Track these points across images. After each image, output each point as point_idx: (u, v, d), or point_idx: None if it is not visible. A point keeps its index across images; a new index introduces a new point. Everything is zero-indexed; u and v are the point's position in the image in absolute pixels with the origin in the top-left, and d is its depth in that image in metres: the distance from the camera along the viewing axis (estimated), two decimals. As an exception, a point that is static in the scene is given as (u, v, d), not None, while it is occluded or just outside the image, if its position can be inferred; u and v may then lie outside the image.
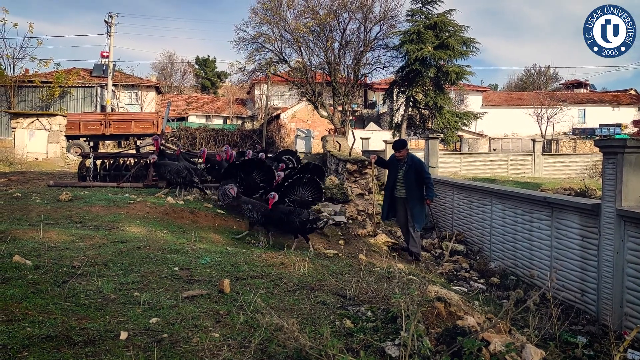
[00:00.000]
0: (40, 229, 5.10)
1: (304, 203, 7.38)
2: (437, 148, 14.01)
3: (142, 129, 23.01)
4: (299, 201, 7.30)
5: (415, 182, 7.76)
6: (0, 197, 8.00)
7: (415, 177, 7.76)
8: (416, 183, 7.76)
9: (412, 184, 7.76)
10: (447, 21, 29.45)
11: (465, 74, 29.86)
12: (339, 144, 19.92)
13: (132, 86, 40.88)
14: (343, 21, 27.17)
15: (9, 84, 29.61)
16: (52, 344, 2.29)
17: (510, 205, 7.88)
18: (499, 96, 52.91)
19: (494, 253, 8.33)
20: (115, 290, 3.23)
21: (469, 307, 3.32)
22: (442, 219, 11.33)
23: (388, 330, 2.68)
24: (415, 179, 7.76)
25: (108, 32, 31.65)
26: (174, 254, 4.52)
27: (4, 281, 3.14)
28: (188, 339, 2.47)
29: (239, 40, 27.38)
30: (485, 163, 24.66)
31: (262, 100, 40.55)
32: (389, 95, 32.54)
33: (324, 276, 3.96)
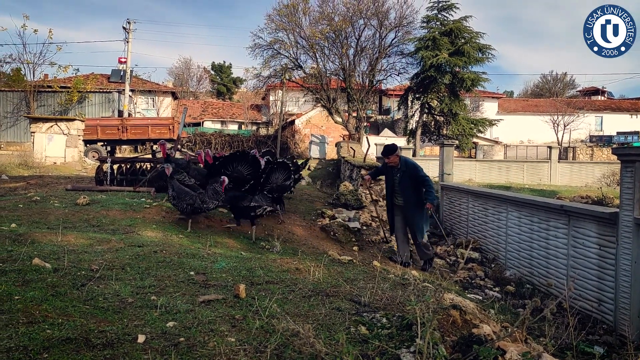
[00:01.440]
0: (59, 233, 5.17)
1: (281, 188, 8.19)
2: (452, 155, 13.94)
3: (159, 134, 23.22)
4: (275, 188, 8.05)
5: (412, 188, 7.33)
6: (19, 200, 8.13)
7: (410, 183, 7.34)
8: (413, 189, 7.33)
9: (408, 190, 7.35)
10: (462, 28, 29.39)
11: (481, 80, 29.74)
12: (353, 150, 19.95)
13: (148, 91, 41.33)
14: (358, 28, 27.23)
15: (29, 89, 30.13)
16: (71, 346, 2.32)
17: (526, 213, 7.82)
18: (515, 103, 52.55)
19: (509, 261, 8.26)
20: (132, 293, 3.27)
21: (485, 316, 3.30)
22: (456, 226, 11.26)
23: (403, 338, 2.68)
24: (411, 185, 7.33)
25: (126, 38, 32.08)
26: (189, 258, 4.56)
27: (24, 283, 3.19)
28: (204, 343, 2.50)
29: (255, 47, 27.56)
30: (500, 170, 24.50)
31: (277, 106, 40.73)
32: (403, 102, 32.51)
33: (338, 282, 3.96)
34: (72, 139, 20.87)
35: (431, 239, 11.39)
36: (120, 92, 33.01)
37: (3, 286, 3.03)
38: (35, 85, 30.88)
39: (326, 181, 19.09)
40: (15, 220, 6.36)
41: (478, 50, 29.33)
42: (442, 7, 30.41)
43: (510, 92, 71.26)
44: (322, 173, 21.51)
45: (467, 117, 31.26)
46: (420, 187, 7.32)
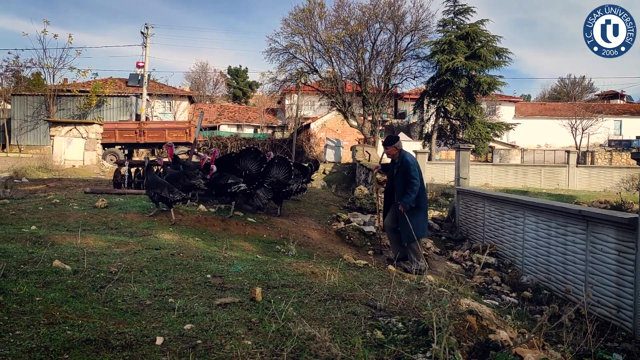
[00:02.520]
0: (78, 235, 5.26)
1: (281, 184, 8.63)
2: (468, 159, 13.86)
3: (175, 137, 23.39)
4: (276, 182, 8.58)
5: (404, 186, 6.86)
6: (39, 203, 8.26)
7: (404, 180, 6.86)
8: (404, 186, 6.85)
9: (402, 188, 6.91)
10: (479, 31, 29.22)
11: (498, 84, 29.52)
12: (368, 153, 19.92)
13: (165, 95, 41.72)
14: (374, 32, 27.23)
15: (49, 93, 30.59)
16: (91, 347, 2.36)
17: (543, 218, 7.74)
18: (532, 107, 52.08)
19: (526, 266, 8.19)
20: (150, 296, 3.30)
21: (501, 321, 3.28)
22: (472, 230, 11.19)
23: (419, 343, 2.67)
24: (404, 183, 6.86)
25: (144, 42, 32.42)
26: (206, 261, 4.60)
27: (44, 285, 3.25)
28: (221, 345, 2.52)
29: (271, 51, 27.69)
30: (517, 174, 24.29)
31: (292, 109, 40.86)
32: (419, 106, 32.39)
33: (354, 286, 3.97)
34: (91, 143, 21.16)
35: (447, 243, 11.33)
36: (138, 96, 33.37)
37: (24, 287, 3.09)
38: (55, 90, 31.34)
39: (341, 185, 19.09)
40: (35, 222, 6.47)
41: (495, 53, 29.12)
42: (458, 10, 30.28)
43: (527, 95, 70.74)
44: (337, 177, 21.51)
45: (484, 121, 31.03)
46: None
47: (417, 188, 6.74)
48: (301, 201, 11.18)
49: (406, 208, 6.76)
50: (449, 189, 19.48)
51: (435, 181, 21.59)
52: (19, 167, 16.36)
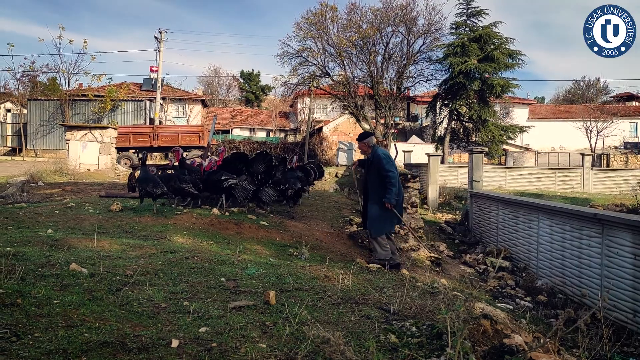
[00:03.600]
0: (93, 238, 5.32)
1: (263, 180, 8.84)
2: (482, 162, 13.80)
3: (189, 141, 23.58)
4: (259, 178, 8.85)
5: (377, 181, 6.77)
6: (55, 206, 8.36)
7: (376, 175, 6.78)
8: (378, 182, 6.75)
9: (374, 183, 6.84)
10: (492, 34, 29.10)
11: (511, 86, 29.35)
12: (381, 157, 19.87)
13: (179, 99, 42.05)
14: (386, 35, 27.23)
15: (64, 98, 30.98)
16: (108, 350, 2.39)
17: (558, 222, 7.69)
18: (546, 109, 51.68)
19: (540, 270, 8.13)
20: (165, 299, 3.34)
21: (516, 326, 3.27)
22: (486, 234, 11.13)
23: (433, 347, 2.67)
24: (377, 178, 6.76)
25: (157, 47, 32.73)
26: (220, 264, 4.63)
27: (62, 288, 3.30)
28: (236, 348, 2.54)
29: (283, 55, 27.81)
30: (531, 177, 24.10)
31: (304, 113, 40.95)
32: (431, 108, 32.31)
33: (367, 290, 3.97)
34: (105, 147, 21.38)
35: (460, 247, 11.27)
36: (151, 100, 33.68)
37: (42, 290, 3.13)
38: (70, 94, 31.74)
39: (353, 188, 19.06)
40: (51, 225, 6.55)
41: (508, 56, 28.98)
42: (471, 13, 30.19)
43: (541, 98, 70.21)
44: (349, 180, 21.48)
45: (497, 123, 30.88)
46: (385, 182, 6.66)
47: (395, 180, 6.59)
48: (313, 205, 11.19)
49: (392, 203, 6.63)
50: (462, 192, 19.39)
51: (448, 184, 21.49)
52: (35, 171, 16.55)
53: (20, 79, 35.28)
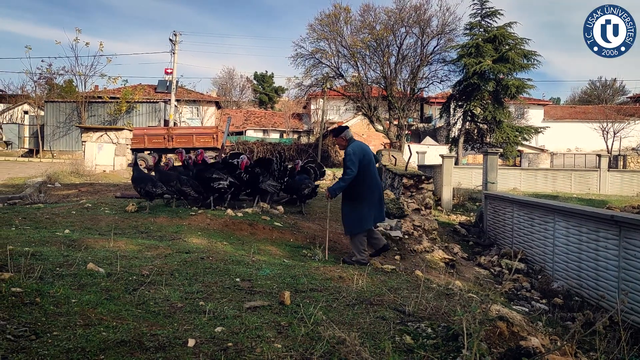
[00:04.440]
0: (110, 239, 5.37)
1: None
2: (496, 163, 13.71)
3: (203, 142, 23.72)
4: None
5: None
6: (72, 207, 8.46)
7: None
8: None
9: None
10: (507, 34, 28.88)
11: (526, 87, 29.09)
12: (394, 158, 19.81)
13: (193, 101, 42.33)
14: (400, 36, 27.18)
15: (80, 100, 31.33)
16: (125, 349, 2.41)
17: (574, 223, 7.61)
18: (562, 110, 51.17)
19: (556, 272, 8.05)
20: (181, 298, 3.36)
21: (533, 328, 3.24)
22: (501, 236, 11.05)
23: (449, 348, 2.66)
24: None
25: (172, 49, 32.99)
26: (235, 265, 4.65)
27: (80, 287, 3.34)
28: (252, 348, 2.55)
29: (297, 56, 27.87)
30: (546, 179, 23.88)
31: (318, 114, 40.99)
32: (445, 110, 32.15)
33: (382, 291, 3.97)
34: (121, 148, 21.56)
35: (474, 248, 11.20)
36: (166, 102, 33.92)
37: (61, 289, 3.17)
38: (86, 96, 32.08)
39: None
40: (68, 226, 6.63)
41: (523, 56, 28.73)
42: (485, 13, 29.99)
43: (556, 99, 69.57)
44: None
45: (512, 124, 30.63)
46: (357, 178, 6.38)
47: (349, 179, 6.31)
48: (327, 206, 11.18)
49: (331, 195, 6.54)
50: (476, 193, 19.27)
51: (463, 186, 21.37)
52: (52, 172, 16.74)
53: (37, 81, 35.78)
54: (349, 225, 6.56)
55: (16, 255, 3.92)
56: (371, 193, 6.54)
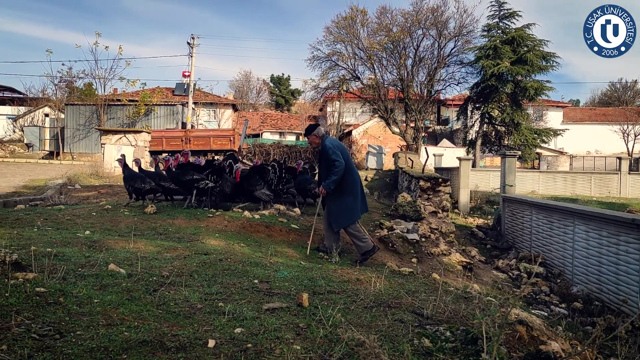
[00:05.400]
0: (130, 240, 5.44)
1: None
2: (515, 166, 13.59)
3: (220, 145, 23.85)
4: None
5: (327, 172, 6.59)
6: (92, 208, 8.57)
7: (326, 167, 6.63)
8: (328, 174, 6.58)
9: (325, 176, 6.69)
10: (525, 36, 28.62)
11: (545, 89, 28.79)
12: (411, 160, 19.76)
13: (210, 104, 42.61)
14: (417, 38, 27.08)
15: (100, 103, 31.72)
16: (147, 348, 2.45)
17: (594, 227, 7.52)
18: (581, 112, 50.56)
19: (576, 277, 7.96)
20: (201, 299, 3.40)
21: (552, 332, 3.22)
22: (519, 239, 10.95)
23: (468, 352, 2.65)
24: (327, 169, 6.60)
25: (190, 53, 33.26)
26: (252, 266, 4.68)
27: (101, 287, 3.39)
28: (271, 349, 2.57)
29: (313, 59, 27.92)
30: (565, 182, 23.60)
31: (334, 117, 41.01)
32: (463, 112, 31.95)
33: (400, 294, 3.96)
34: (139, 150, 21.79)
35: (492, 252, 11.12)
36: (184, 104, 34.20)
37: (83, 290, 3.23)
38: (106, 99, 32.47)
39: (383, 192, 19.01)
40: (89, 227, 6.72)
41: (542, 58, 28.45)
42: (503, 15, 29.76)
43: (576, 100, 68.71)
44: (379, 184, 21.42)
45: (530, 126, 30.32)
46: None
47: (340, 170, 6.43)
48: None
49: (327, 190, 6.56)
50: (493, 196, 19.12)
51: (480, 188, 21.22)
52: (72, 174, 17.00)
53: (58, 85, 36.35)
54: (337, 219, 6.66)
55: (39, 255, 4.00)
56: (354, 185, 6.69)
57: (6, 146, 34.24)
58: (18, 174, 19.22)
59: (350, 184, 6.66)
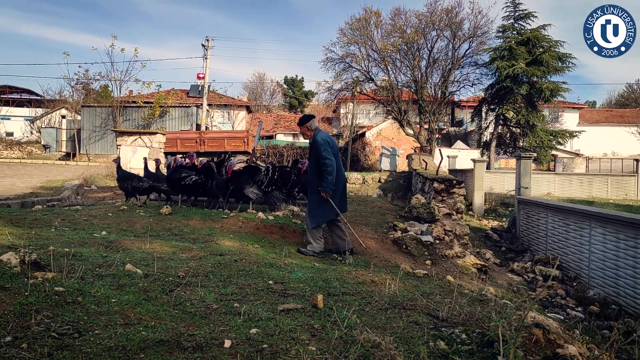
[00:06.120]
0: (146, 240, 5.49)
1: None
2: (530, 168, 13.49)
3: (234, 146, 23.95)
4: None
5: (315, 167, 6.48)
6: (108, 209, 8.67)
7: (315, 162, 6.49)
8: (316, 169, 6.47)
9: (313, 170, 6.58)
10: (541, 37, 28.34)
11: (561, 90, 28.46)
12: (425, 162, 19.68)
13: (224, 105, 42.85)
14: (431, 39, 26.95)
15: (115, 105, 32.07)
16: (164, 348, 2.47)
17: (611, 230, 7.43)
18: (598, 113, 50.00)
19: (592, 280, 7.87)
20: (216, 300, 3.42)
21: (569, 336, 3.19)
22: (534, 241, 10.86)
23: (484, 355, 2.64)
24: (316, 164, 6.46)
25: (204, 55, 33.49)
26: (267, 267, 4.70)
27: (119, 287, 3.43)
28: (287, 350, 2.58)
29: (327, 60, 27.91)
30: (581, 184, 23.35)
31: (347, 118, 40.97)
32: (477, 113, 31.74)
33: (414, 296, 3.96)
34: (154, 152, 21.96)
35: (507, 254, 11.02)
36: (198, 106, 34.42)
37: (101, 289, 3.27)
38: (121, 101, 32.83)
39: (397, 194, 18.96)
40: (105, 227, 6.80)
41: (557, 59, 28.15)
42: (519, 16, 29.51)
43: (592, 102, 68.02)
44: (393, 185, 21.37)
45: (546, 128, 30.01)
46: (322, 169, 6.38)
47: (332, 169, 6.30)
48: (357, 210, 11.19)
49: (328, 193, 6.39)
50: (508, 198, 18.98)
51: (494, 190, 21.07)
52: (88, 175, 17.22)
53: (74, 87, 36.88)
54: (313, 216, 6.54)
55: (58, 255, 4.06)
56: (337, 184, 6.54)
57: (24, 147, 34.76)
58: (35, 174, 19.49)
59: (337, 182, 6.52)
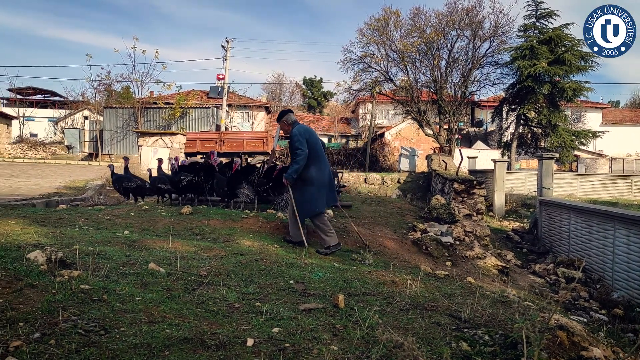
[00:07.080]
0: (168, 240, 5.56)
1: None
2: (552, 168, 13.32)
3: (253, 147, 24.06)
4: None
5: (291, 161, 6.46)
6: (130, 209, 8.78)
7: (293, 154, 6.45)
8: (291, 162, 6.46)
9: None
10: (563, 35, 27.97)
11: (583, 90, 28.04)
12: (444, 162, 19.55)
13: (244, 106, 43.09)
14: (451, 39, 26.78)
15: (137, 106, 32.45)
16: (188, 346, 2.50)
17: (635, 231, 7.31)
18: (622, 113, 49.15)
19: (616, 282, 7.74)
20: (238, 299, 3.45)
21: (594, 338, 3.15)
22: (556, 243, 10.72)
23: (507, 356, 2.62)
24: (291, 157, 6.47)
25: (224, 56, 33.73)
26: (288, 267, 4.72)
27: (142, 286, 3.48)
28: (309, 349, 2.59)
29: (346, 61, 27.91)
30: (604, 185, 22.97)
31: (366, 118, 40.93)
32: (497, 113, 31.45)
33: (436, 297, 3.94)
34: (175, 152, 22.20)
35: (528, 256, 10.90)
36: (218, 107, 34.66)
37: (125, 288, 3.32)
38: (143, 102, 33.19)
39: (416, 194, 18.88)
40: (127, 227, 6.89)
41: (580, 58, 27.74)
42: (540, 15, 29.17)
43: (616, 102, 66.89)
44: (412, 186, 21.28)
45: (568, 128, 29.58)
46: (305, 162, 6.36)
47: (301, 159, 6.26)
48: (376, 210, 11.18)
49: (289, 181, 6.43)
50: (529, 199, 18.77)
51: (515, 191, 20.84)
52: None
53: (97, 88, 37.40)
54: (301, 209, 6.53)
55: (82, 254, 4.13)
56: (320, 173, 6.51)
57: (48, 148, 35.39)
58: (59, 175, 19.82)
59: (315, 174, 6.46)
